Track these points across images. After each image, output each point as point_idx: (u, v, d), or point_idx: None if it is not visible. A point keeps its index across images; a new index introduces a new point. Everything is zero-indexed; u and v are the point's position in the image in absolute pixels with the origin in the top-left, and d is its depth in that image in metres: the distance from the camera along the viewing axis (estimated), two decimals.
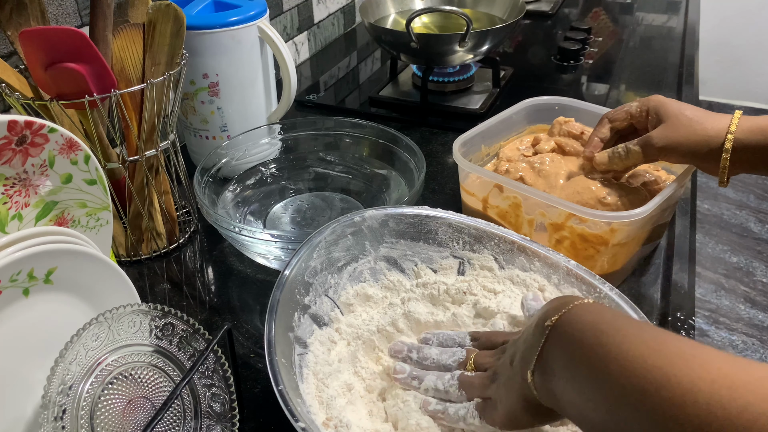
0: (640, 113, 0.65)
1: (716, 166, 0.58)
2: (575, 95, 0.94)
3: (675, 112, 0.61)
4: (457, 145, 0.69)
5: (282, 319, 0.49)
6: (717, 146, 0.58)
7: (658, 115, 0.62)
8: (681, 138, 0.60)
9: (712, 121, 0.59)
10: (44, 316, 0.46)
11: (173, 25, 0.62)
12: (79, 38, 0.54)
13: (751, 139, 0.56)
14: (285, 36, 1.16)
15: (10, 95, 0.58)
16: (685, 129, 0.59)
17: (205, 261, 0.73)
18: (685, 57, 1.20)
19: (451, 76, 1.06)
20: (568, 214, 0.61)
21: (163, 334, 0.47)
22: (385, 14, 1.13)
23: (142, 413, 0.44)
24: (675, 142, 0.60)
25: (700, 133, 0.59)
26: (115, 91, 0.59)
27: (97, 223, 0.55)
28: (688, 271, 0.67)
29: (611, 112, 0.68)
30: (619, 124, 0.67)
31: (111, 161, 0.65)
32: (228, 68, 0.78)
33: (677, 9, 1.46)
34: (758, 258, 2.15)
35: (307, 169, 0.82)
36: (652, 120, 0.63)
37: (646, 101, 0.64)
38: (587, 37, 1.26)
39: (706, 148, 0.58)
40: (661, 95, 0.64)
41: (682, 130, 0.60)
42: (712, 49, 2.83)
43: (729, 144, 0.57)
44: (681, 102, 0.62)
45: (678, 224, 0.75)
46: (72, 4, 0.73)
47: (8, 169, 0.47)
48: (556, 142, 0.73)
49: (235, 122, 0.82)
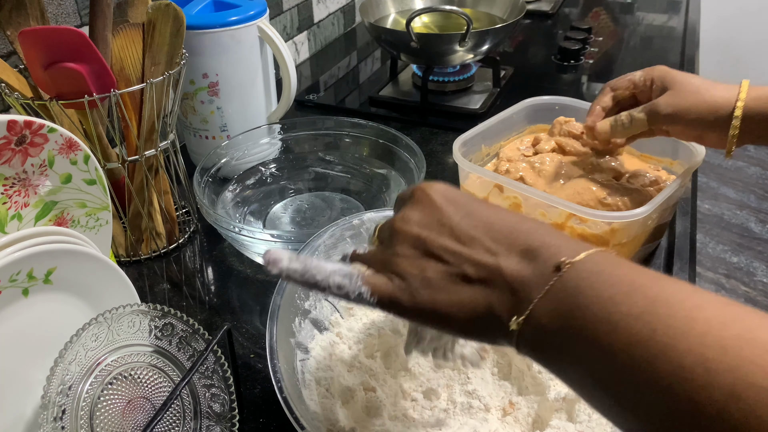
0: (644, 83, 0.63)
1: (721, 137, 0.57)
2: (575, 95, 0.94)
3: (682, 80, 0.59)
4: (457, 145, 0.69)
5: (283, 324, 0.49)
6: (725, 114, 0.56)
7: (663, 83, 0.60)
8: (689, 105, 0.58)
9: (721, 90, 0.57)
10: (44, 316, 0.46)
11: (173, 25, 0.62)
12: (79, 38, 0.54)
13: (760, 107, 0.55)
14: (285, 36, 1.16)
15: (9, 95, 0.58)
16: (693, 96, 0.58)
17: (205, 261, 0.73)
18: (685, 57, 1.20)
19: (451, 75, 1.06)
20: (569, 214, 0.60)
21: (162, 335, 0.47)
22: (385, 14, 1.13)
23: (142, 413, 0.44)
24: (682, 109, 0.58)
25: (709, 100, 0.57)
26: (114, 90, 0.59)
27: (96, 223, 0.55)
28: (688, 271, 0.67)
29: (614, 81, 0.66)
30: (622, 92, 0.65)
31: (110, 161, 0.65)
32: (228, 68, 0.78)
33: (677, 9, 1.46)
34: (759, 258, 2.15)
35: (307, 169, 0.82)
36: (657, 89, 0.61)
37: (650, 70, 0.62)
38: (587, 36, 1.26)
39: (714, 116, 0.57)
40: None
41: (690, 98, 0.58)
42: (713, 49, 2.83)
43: (739, 112, 0.55)
44: (686, 73, 0.60)
45: (678, 224, 0.74)
46: (71, 3, 0.73)
47: (8, 169, 0.47)
48: (556, 142, 0.73)
49: (234, 122, 0.82)
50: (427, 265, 0.35)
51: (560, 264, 0.31)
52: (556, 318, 0.31)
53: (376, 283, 0.36)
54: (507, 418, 0.49)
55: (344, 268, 0.37)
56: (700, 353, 0.26)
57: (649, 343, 0.27)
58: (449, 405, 0.50)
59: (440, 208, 0.37)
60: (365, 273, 0.36)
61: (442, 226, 0.36)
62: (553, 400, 0.48)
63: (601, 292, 0.29)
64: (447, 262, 0.34)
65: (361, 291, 0.35)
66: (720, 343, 0.26)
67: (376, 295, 0.35)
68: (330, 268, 0.37)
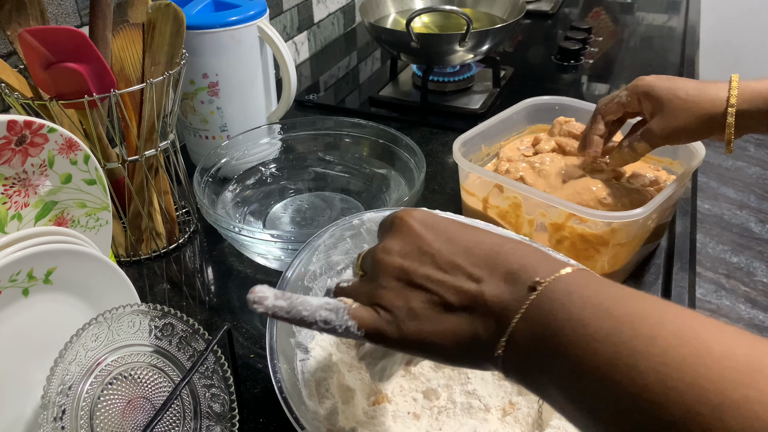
0: (630, 101, 0.63)
1: (720, 136, 0.57)
2: (575, 95, 0.94)
3: (667, 97, 0.59)
4: (457, 145, 0.69)
5: (283, 324, 0.49)
6: (719, 122, 0.56)
7: (650, 101, 0.61)
8: (681, 124, 0.58)
9: (709, 96, 0.57)
10: (44, 316, 0.46)
11: (173, 25, 0.62)
12: (79, 38, 0.54)
13: (753, 106, 0.55)
14: (285, 36, 1.16)
15: (9, 95, 0.58)
16: (683, 113, 0.58)
17: (205, 261, 0.73)
18: (685, 57, 1.20)
19: (451, 75, 1.06)
20: (569, 214, 0.60)
21: (162, 335, 0.47)
22: (385, 14, 1.13)
23: (142, 413, 0.44)
24: (676, 130, 0.59)
25: (699, 113, 0.57)
26: (114, 90, 0.59)
27: (96, 223, 0.55)
28: (688, 271, 0.67)
29: (602, 107, 0.66)
30: (613, 117, 0.66)
31: (110, 161, 0.65)
32: (228, 68, 0.78)
33: (678, 9, 1.46)
34: (759, 258, 2.15)
35: (307, 169, 0.82)
36: (646, 105, 0.61)
37: (633, 87, 0.62)
38: (587, 36, 1.26)
39: (707, 127, 0.57)
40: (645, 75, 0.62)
41: (681, 116, 0.58)
42: (713, 49, 2.83)
43: (731, 118, 0.55)
44: (669, 79, 0.60)
45: (678, 224, 0.74)
46: (71, 3, 0.73)
47: (8, 169, 0.47)
48: (556, 142, 0.73)
49: (234, 122, 0.82)
50: (411, 296, 0.35)
51: (534, 284, 0.32)
52: (533, 340, 0.31)
53: (363, 316, 0.36)
54: (507, 418, 0.49)
55: (330, 302, 0.37)
56: (661, 371, 0.26)
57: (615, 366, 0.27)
58: (449, 405, 0.50)
59: (420, 236, 0.37)
60: (352, 306, 0.36)
61: (423, 254, 0.36)
62: None
63: (571, 314, 0.30)
64: (430, 291, 0.35)
65: (348, 325, 0.36)
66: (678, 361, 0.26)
67: (364, 329, 0.35)
68: (316, 303, 0.37)
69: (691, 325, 0.27)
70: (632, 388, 0.27)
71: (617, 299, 0.30)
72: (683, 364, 0.26)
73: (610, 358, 0.28)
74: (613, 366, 0.27)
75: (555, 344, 0.30)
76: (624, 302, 0.30)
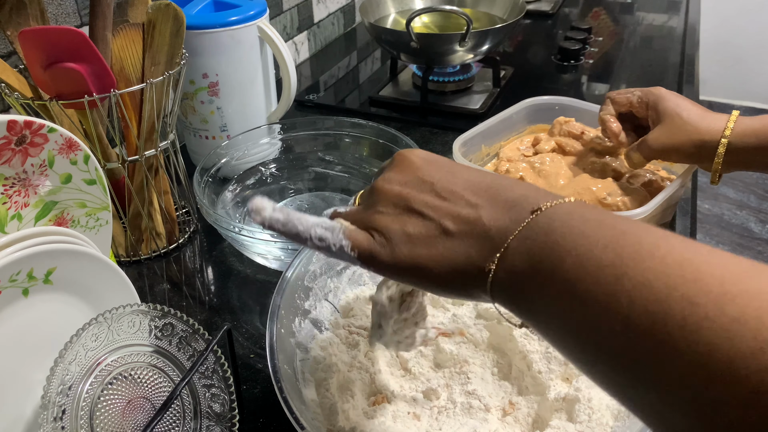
0: (639, 104, 0.66)
1: (708, 166, 0.60)
2: (575, 95, 0.94)
3: (672, 113, 0.61)
4: (457, 145, 0.69)
5: (283, 324, 0.49)
6: (711, 150, 0.58)
7: (656, 113, 0.63)
8: (676, 143, 0.61)
9: (707, 124, 0.59)
10: (44, 316, 0.46)
11: (173, 25, 0.62)
12: (79, 38, 0.54)
13: (745, 141, 0.57)
14: (285, 36, 1.16)
15: (9, 95, 0.58)
16: (680, 133, 0.60)
17: (205, 261, 0.73)
18: (685, 57, 1.20)
19: (451, 75, 1.06)
20: None
21: (162, 335, 0.47)
22: (385, 14, 1.13)
23: (142, 413, 0.44)
24: (671, 147, 0.61)
25: (695, 137, 0.59)
26: (114, 90, 0.59)
27: (96, 223, 0.55)
28: None
29: (614, 93, 0.68)
30: (619, 107, 0.68)
31: (110, 161, 0.65)
32: (228, 68, 0.78)
33: (678, 9, 1.46)
34: (759, 258, 2.15)
35: (307, 169, 0.82)
36: (651, 115, 0.64)
37: (647, 94, 0.65)
38: (587, 36, 1.26)
39: (699, 152, 0.59)
40: (663, 87, 0.64)
41: (677, 135, 0.60)
42: (713, 48, 2.83)
43: (722, 149, 0.58)
44: (680, 98, 0.62)
45: (678, 224, 0.74)
46: (71, 3, 0.73)
47: (8, 169, 0.47)
48: (556, 142, 0.73)
49: (234, 122, 0.82)
50: (408, 221, 0.35)
51: (536, 209, 0.32)
52: (528, 258, 0.30)
53: (358, 237, 0.36)
54: (507, 418, 0.49)
55: (327, 221, 0.37)
56: (662, 270, 0.26)
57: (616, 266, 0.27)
58: (449, 405, 0.50)
59: (421, 168, 0.37)
60: (348, 227, 0.36)
61: (422, 183, 0.36)
62: (553, 400, 0.48)
63: (572, 229, 0.30)
64: (428, 217, 0.35)
65: (343, 244, 0.36)
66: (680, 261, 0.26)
67: (357, 249, 0.35)
68: (312, 220, 0.37)
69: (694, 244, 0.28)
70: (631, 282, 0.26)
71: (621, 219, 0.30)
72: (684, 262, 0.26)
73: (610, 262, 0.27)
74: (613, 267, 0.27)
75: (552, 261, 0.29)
76: (627, 221, 0.30)
